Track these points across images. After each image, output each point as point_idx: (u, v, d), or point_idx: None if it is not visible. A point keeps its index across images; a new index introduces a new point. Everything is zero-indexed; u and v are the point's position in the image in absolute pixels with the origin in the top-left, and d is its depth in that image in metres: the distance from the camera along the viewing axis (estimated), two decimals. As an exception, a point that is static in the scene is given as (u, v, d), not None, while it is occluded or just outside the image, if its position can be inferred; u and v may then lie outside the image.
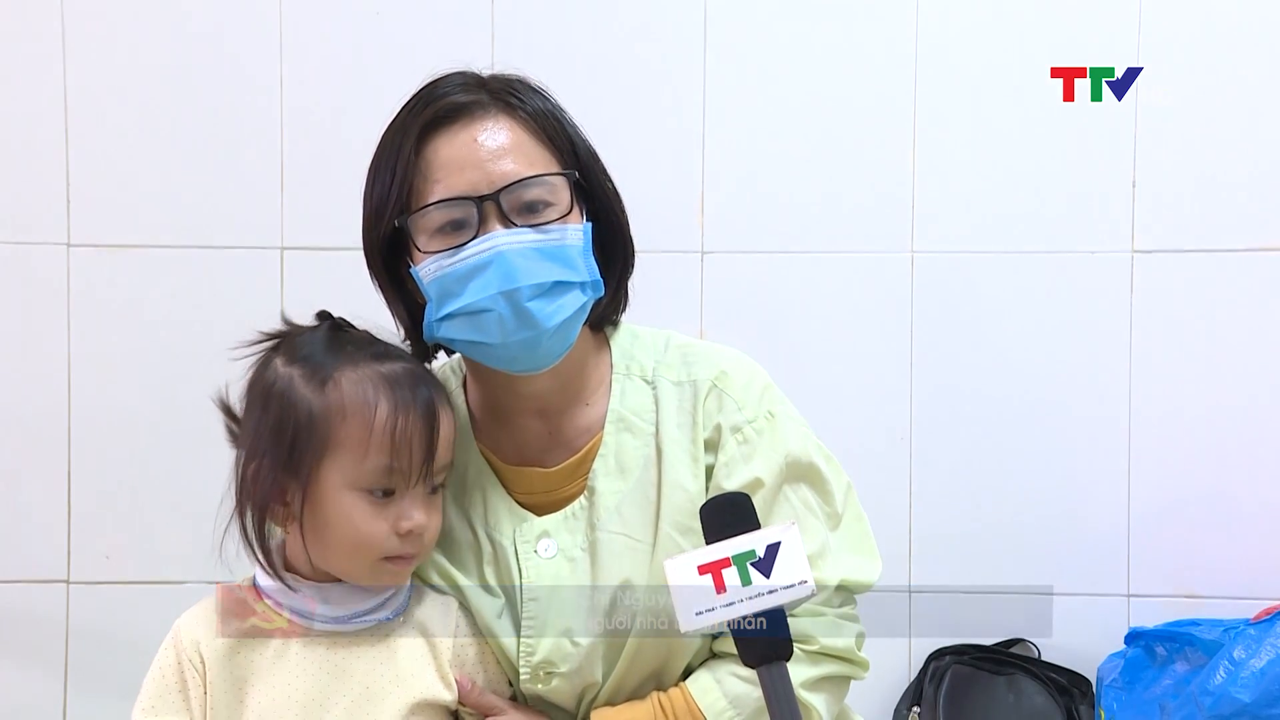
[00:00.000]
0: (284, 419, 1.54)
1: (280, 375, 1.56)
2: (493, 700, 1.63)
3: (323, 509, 1.54)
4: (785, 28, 2.71)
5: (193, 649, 1.57)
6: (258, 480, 1.55)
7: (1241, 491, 2.67)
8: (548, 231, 1.57)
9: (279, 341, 1.61)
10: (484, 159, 1.57)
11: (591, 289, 1.62)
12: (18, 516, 2.74)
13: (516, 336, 1.56)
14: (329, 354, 1.57)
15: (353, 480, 1.53)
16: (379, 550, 1.55)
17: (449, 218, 1.57)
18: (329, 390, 1.54)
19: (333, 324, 1.62)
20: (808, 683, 1.61)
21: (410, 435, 1.53)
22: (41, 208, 2.73)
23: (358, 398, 1.53)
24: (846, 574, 1.65)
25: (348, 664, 1.57)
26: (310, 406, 1.53)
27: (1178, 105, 2.66)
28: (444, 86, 1.62)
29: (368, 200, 1.64)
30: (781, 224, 2.72)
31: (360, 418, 1.53)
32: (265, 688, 1.55)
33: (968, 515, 2.71)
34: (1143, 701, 2.53)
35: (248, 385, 1.60)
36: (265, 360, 1.60)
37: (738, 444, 1.64)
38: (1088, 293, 2.68)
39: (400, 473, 1.54)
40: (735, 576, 1.30)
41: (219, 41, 2.73)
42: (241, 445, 1.59)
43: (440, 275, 1.57)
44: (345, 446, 1.53)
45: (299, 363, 1.56)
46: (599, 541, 1.64)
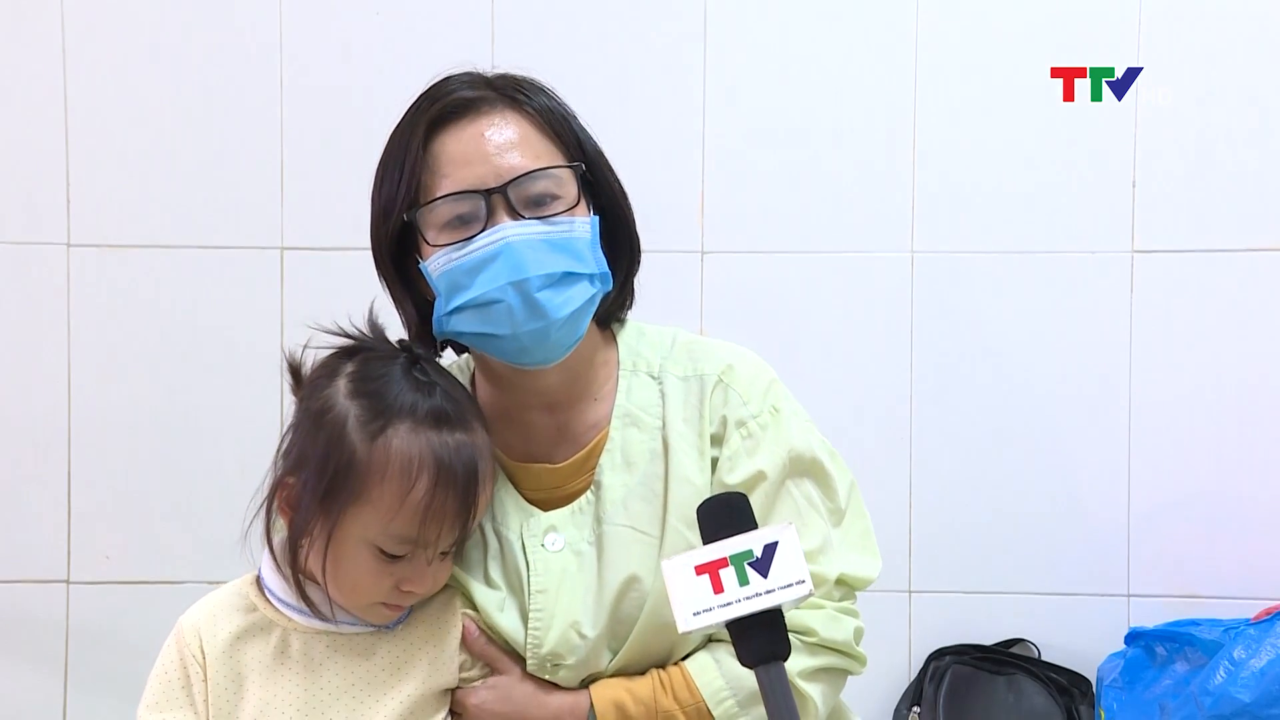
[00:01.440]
0: (329, 455, 1.51)
1: (340, 408, 1.53)
2: (496, 653, 1.63)
3: (335, 546, 1.53)
4: (785, 28, 2.71)
5: (195, 645, 1.57)
6: (296, 504, 1.53)
7: (1241, 491, 2.67)
8: (556, 223, 1.58)
9: (353, 354, 1.58)
10: (491, 153, 1.58)
11: (600, 281, 1.62)
12: (18, 516, 2.74)
13: (526, 327, 1.57)
14: (392, 399, 1.53)
15: (372, 537, 1.52)
16: (376, 599, 1.55)
17: (456, 211, 1.57)
18: (377, 445, 1.51)
19: (409, 359, 1.58)
20: (805, 673, 1.61)
21: (442, 518, 1.52)
22: (41, 208, 2.73)
23: (402, 464, 1.50)
24: (847, 569, 1.66)
25: (348, 662, 1.57)
26: (355, 454, 1.50)
27: (1178, 105, 2.66)
28: (450, 84, 1.63)
29: (376, 198, 1.64)
30: (781, 224, 2.72)
31: (399, 485, 1.50)
32: (266, 684, 1.56)
33: (968, 515, 2.71)
34: (1143, 701, 2.53)
35: (310, 388, 1.57)
36: (332, 370, 1.56)
37: (742, 438, 1.65)
38: (1088, 293, 2.68)
39: (420, 546, 1.53)
40: (733, 577, 1.30)
41: (219, 42, 2.73)
42: (286, 446, 1.57)
43: (449, 268, 1.57)
44: (375, 505, 1.51)
45: (360, 399, 1.53)
46: (605, 534, 1.64)
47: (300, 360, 1.58)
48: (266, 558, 1.59)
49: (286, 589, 1.57)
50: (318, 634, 1.57)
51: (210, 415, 2.74)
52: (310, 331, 1.58)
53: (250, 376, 2.70)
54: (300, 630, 1.57)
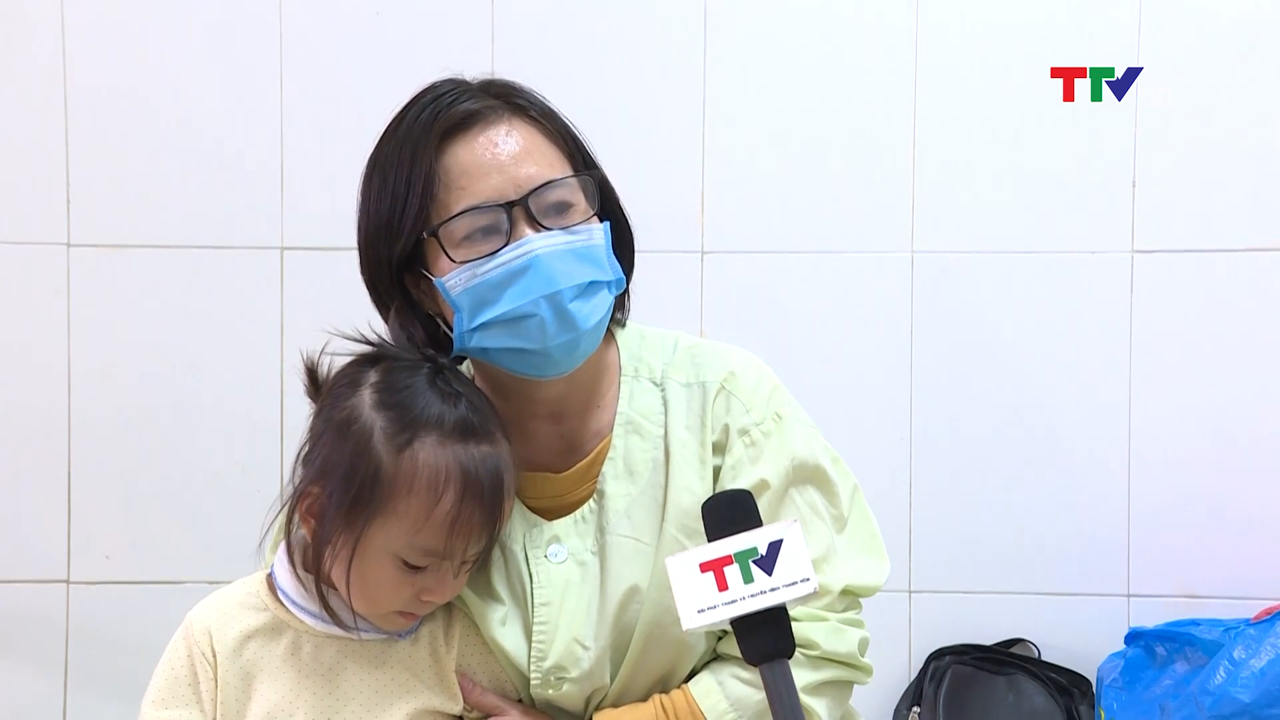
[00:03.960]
0: (355, 467, 1.50)
1: (365, 419, 1.51)
2: (494, 700, 1.62)
3: (361, 559, 1.51)
4: (785, 28, 2.71)
5: (205, 641, 1.56)
6: (320, 514, 1.52)
7: (1241, 491, 2.67)
8: (577, 232, 1.56)
9: (375, 362, 1.56)
10: (506, 163, 1.55)
11: (616, 287, 1.61)
12: (18, 516, 2.74)
13: (559, 340, 1.55)
14: (418, 411, 1.51)
15: (397, 549, 1.51)
16: (394, 608, 1.54)
17: (477, 225, 1.54)
18: (404, 458, 1.49)
19: (434, 368, 1.56)
20: (809, 687, 1.59)
21: (469, 531, 1.51)
22: (41, 208, 2.73)
23: (429, 477, 1.49)
24: (851, 579, 1.64)
25: (357, 670, 1.56)
26: (381, 466, 1.49)
27: (1178, 105, 2.66)
28: (448, 95, 1.59)
29: (374, 216, 1.60)
30: (781, 224, 2.72)
31: (425, 499, 1.49)
32: (275, 686, 1.55)
33: (968, 515, 2.71)
34: (1143, 701, 2.53)
35: (332, 396, 1.54)
36: (355, 380, 1.54)
37: (745, 446, 1.64)
38: (1088, 293, 2.69)
39: (445, 558, 1.52)
40: (737, 574, 1.29)
41: (219, 42, 2.73)
42: (308, 455, 1.55)
43: (474, 284, 1.54)
44: (401, 518, 1.49)
45: (386, 410, 1.51)
46: (608, 545, 1.63)
47: (316, 363, 1.57)
48: (281, 560, 1.59)
49: (302, 593, 1.56)
50: (329, 639, 1.56)
51: (210, 415, 2.73)
52: (327, 336, 1.56)
53: (250, 376, 2.70)
54: (312, 634, 1.56)
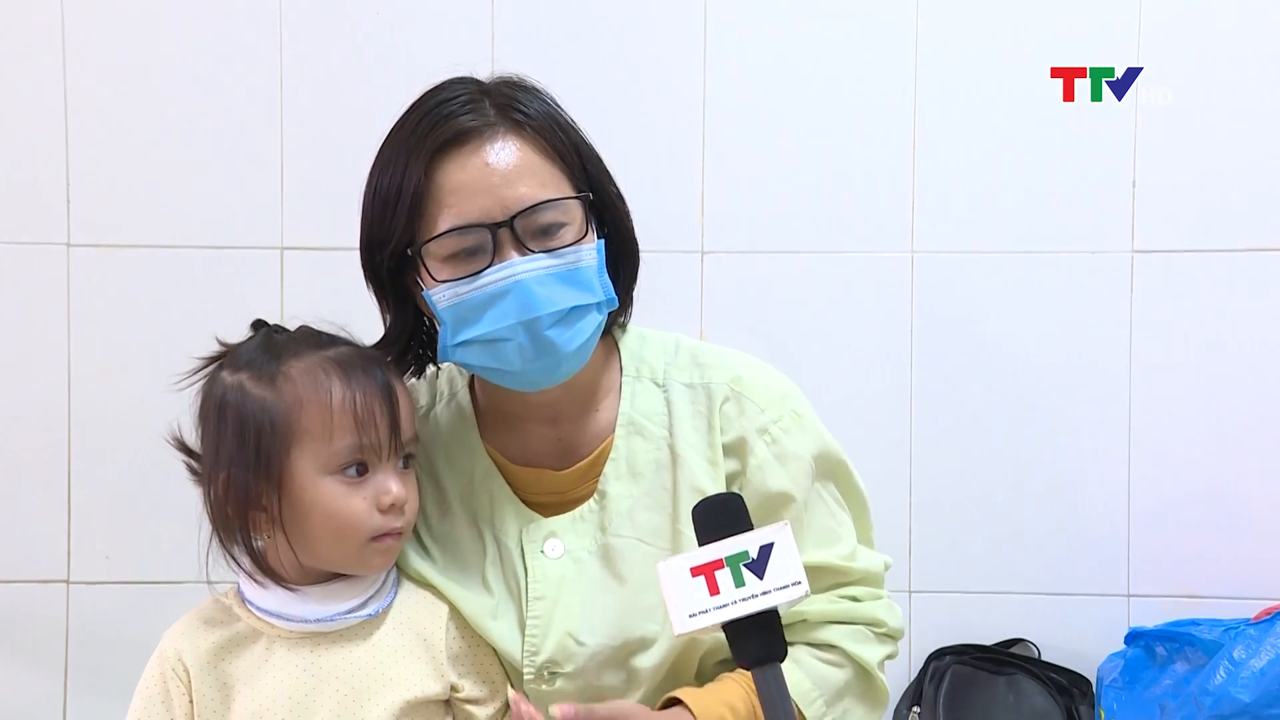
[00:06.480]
0: (243, 424, 1.54)
1: (229, 385, 1.57)
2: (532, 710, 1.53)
3: (300, 502, 1.54)
4: (785, 27, 2.71)
5: (175, 660, 1.58)
6: (230, 491, 1.55)
7: (1241, 491, 2.67)
8: (563, 255, 1.56)
9: (220, 360, 1.62)
10: (496, 184, 1.55)
11: (606, 306, 1.61)
12: (18, 516, 2.74)
13: (536, 364, 1.56)
14: (272, 354, 1.57)
15: (324, 464, 1.54)
16: (364, 530, 1.55)
17: (462, 245, 1.54)
18: (281, 384, 1.55)
19: (269, 330, 1.62)
20: (881, 662, 1.70)
21: (371, 408, 1.54)
22: (41, 208, 2.73)
23: (311, 385, 1.54)
24: (877, 563, 1.72)
25: (333, 664, 1.57)
26: (266, 404, 1.54)
27: (1178, 105, 2.65)
28: (449, 105, 1.58)
29: (370, 223, 1.62)
30: (781, 224, 2.72)
31: (318, 403, 1.54)
32: (251, 692, 1.56)
33: (968, 515, 2.71)
34: (1143, 701, 2.53)
35: (200, 407, 1.60)
36: (211, 379, 1.61)
37: (767, 445, 1.65)
38: (1088, 293, 2.68)
39: (370, 447, 1.55)
40: (728, 578, 1.30)
41: (219, 42, 2.73)
42: (204, 464, 1.59)
43: (456, 303, 1.56)
44: (310, 434, 1.54)
45: (245, 368, 1.57)
46: (611, 546, 1.63)
47: (181, 435, 1.63)
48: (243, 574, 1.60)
49: (266, 595, 1.58)
50: (304, 638, 1.58)
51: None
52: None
53: (250, 376, 2.70)
54: (285, 636, 1.58)
